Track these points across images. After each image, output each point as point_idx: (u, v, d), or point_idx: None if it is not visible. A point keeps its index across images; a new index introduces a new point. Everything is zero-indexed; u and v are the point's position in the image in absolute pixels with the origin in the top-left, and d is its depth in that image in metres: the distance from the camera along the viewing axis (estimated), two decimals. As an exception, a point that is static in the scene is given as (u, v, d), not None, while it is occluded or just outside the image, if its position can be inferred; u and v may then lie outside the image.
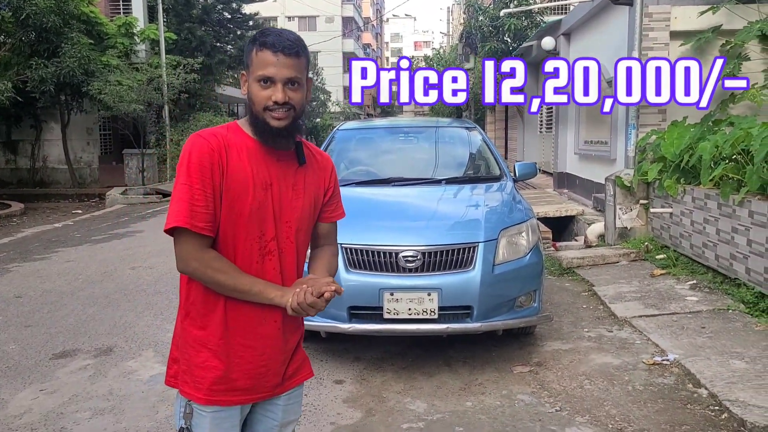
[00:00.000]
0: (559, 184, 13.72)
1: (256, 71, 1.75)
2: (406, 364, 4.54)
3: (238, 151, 1.77)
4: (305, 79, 1.80)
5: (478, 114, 30.77)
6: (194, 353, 1.82)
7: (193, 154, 1.72)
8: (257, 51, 1.75)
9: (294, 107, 1.76)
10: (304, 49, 1.79)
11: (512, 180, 5.40)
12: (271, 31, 1.76)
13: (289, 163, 1.86)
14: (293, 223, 1.86)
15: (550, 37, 14.07)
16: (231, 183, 1.74)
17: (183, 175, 1.72)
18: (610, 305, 5.64)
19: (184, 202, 1.70)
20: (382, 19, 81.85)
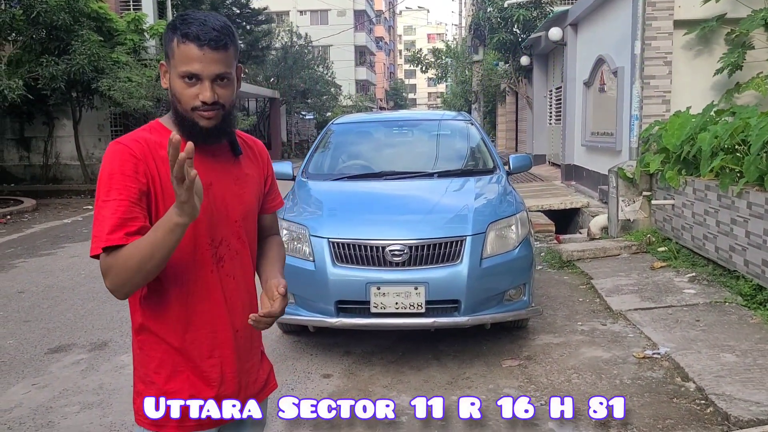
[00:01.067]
0: (566, 176, 13.62)
1: (179, 66, 1.55)
2: (395, 358, 4.54)
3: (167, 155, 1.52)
4: (234, 72, 1.63)
5: (488, 106, 30.65)
6: (164, 379, 1.67)
7: (114, 164, 1.53)
8: (179, 42, 1.54)
9: (223, 105, 1.60)
10: (233, 39, 1.60)
11: (506, 173, 5.36)
12: (194, 19, 1.56)
13: (226, 157, 1.71)
14: (241, 220, 1.74)
15: (557, 28, 13.94)
16: (164, 191, 1.57)
17: (103, 190, 1.52)
18: (606, 298, 5.60)
19: (106, 219, 1.49)
20: (394, 11, 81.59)
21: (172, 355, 1.66)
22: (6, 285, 7.04)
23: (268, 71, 32.72)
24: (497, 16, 18.71)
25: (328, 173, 5.45)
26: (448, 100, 44.90)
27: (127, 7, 20.26)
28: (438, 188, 5.05)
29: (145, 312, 1.67)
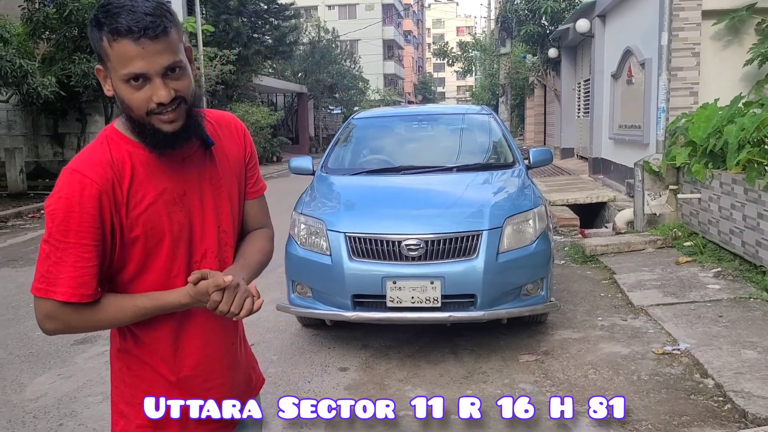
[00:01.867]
0: (594, 169, 13.45)
1: (118, 68, 1.31)
2: (413, 352, 4.55)
3: (132, 171, 1.40)
4: (185, 56, 1.38)
5: (516, 99, 30.38)
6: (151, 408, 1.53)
7: (73, 200, 1.33)
8: (110, 41, 1.29)
9: (184, 99, 1.37)
10: (172, 18, 1.34)
11: (525, 167, 5.33)
12: (119, 7, 1.29)
13: (197, 156, 1.50)
14: (225, 224, 1.55)
15: (585, 19, 13.76)
16: (135, 219, 1.39)
17: (60, 228, 1.33)
18: (628, 293, 5.53)
19: (66, 266, 1.34)
20: (423, 4, 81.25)
21: (163, 384, 1.53)
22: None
23: (296, 66, 32.92)
24: (525, 8, 18.53)
25: (347, 168, 5.48)
26: (477, 94, 44.59)
27: (157, 4, 20.51)
28: (456, 183, 5.04)
29: (129, 341, 1.52)
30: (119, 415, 1.56)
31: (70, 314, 1.37)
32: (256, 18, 22.53)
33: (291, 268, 4.58)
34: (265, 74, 24.29)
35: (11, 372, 4.44)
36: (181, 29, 1.40)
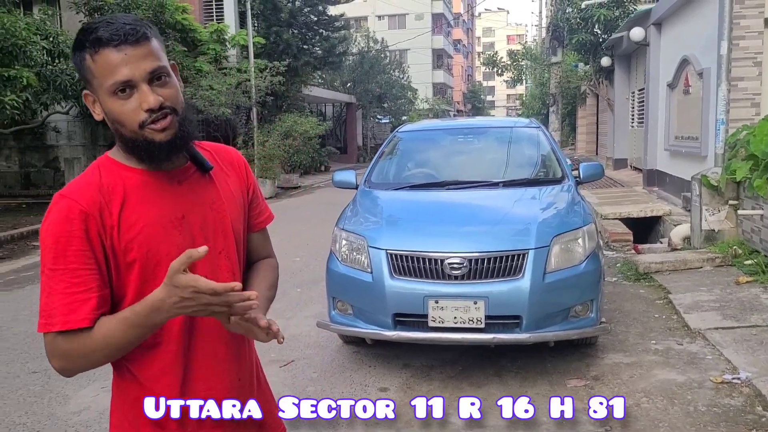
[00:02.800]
0: (648, 181, 13.05)
1: (104, 82, 1.30)
2: (455, 373, 4.42)
3: (125, 195, 1.36)
4: (169, 66, 1.38)
5: (568, 107, 29.84)
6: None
7: (60, 225, 1.30)
8: (93, 55, 1.30)
9: (174, 108, 1.35)
10: (151, 29, 1.36)
11: (575, 182, 5.15)
12: (98, 23, 1.31)
13: (195, 179, 1.46)
14: (230, 251, 1.50)
15: (639, 28, 13.39)
16: (128, 242, 1.35)
17: (50, 256, 1.30)
18: (684, 315, 5.27)
19: (57, 294, 1.29)
20: (473, 13, 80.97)
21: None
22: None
23: (345, 76, 33.13)
24: (576, 16, 18.18)
25: (390, 182, 5.39)
26: (527, 103, 44.05)
27: (211, 17, 20.95)
28: (502, 199, 4.90)
29: (133, 376, 1.44)
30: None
31: (67, 344, 1.31)
32: (306, 29, 22.75)
33: (332, 285, 4.52)
34: (314, 85, 24.48)
35: (58, 384, 4.49)
36: (163, 43, 1.40)
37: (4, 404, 4.16)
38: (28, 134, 18.79)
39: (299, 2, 22.75)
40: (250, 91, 17.84)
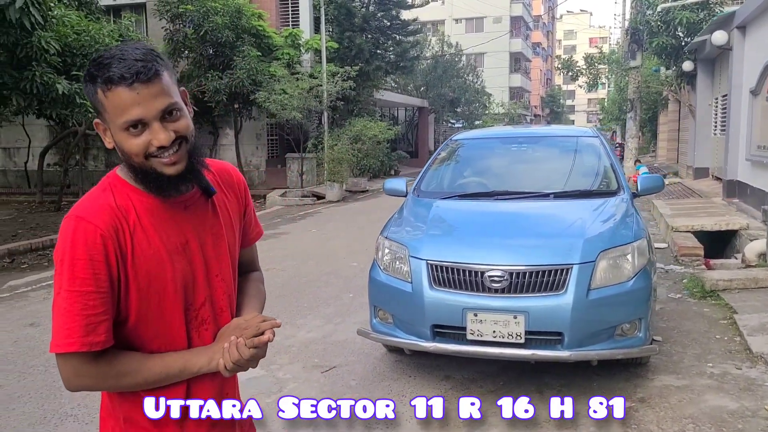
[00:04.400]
0: (728, 193, 12.40)
1: (115, 119, 1.33)
2: (495, 388, 4.34)
3: (137, 218, 1.40)
4: (179, 96, 1.41)
5: (649, 113, 28.78)
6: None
7: (78, 248, 1.33)
8: (104, 91, 1.32)
9: (185, 138, 1.38)
10: (163, 62, 1.37)
11: (631, 195, 4.95)
12: (109, 58, 1.32)
13: (199, 204, 1.51)
14: (225, 273, 1.55)
15: (722, 31, 12.79)
16: (140, 267, 1.39)
17: (66, 277, 1.33)
18: (747, 337, 4.98)
19: (72, 315, 1.33)
20: (554, 16, 79.43)
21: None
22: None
23: (417, 80, 33.15)
24: (657, 19, 17.51)
25: (439, 191, 5.35)
26: (607, 108, 42.80)
27: (286, 22, 21.44)
28: (550, 211, 4.77)
29: (117, 394, 1.49)
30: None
31: (87, 366, 1.36)
32: (379, 34, 22.92)
33: (373, 293, 4.54)
34: (387, 89, 24.62)
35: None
36: (173, 72, 1.41)
37: (60, 395, 4.38)
38: (114, 135, 19.77)
39: (373, 7, 22.96)
40: (322, 96, 18.12)
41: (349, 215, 14.22)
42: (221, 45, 17.40)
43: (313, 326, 5.75)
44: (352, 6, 21.96)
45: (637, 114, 18.12)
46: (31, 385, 4.58)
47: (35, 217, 13.99)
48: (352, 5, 21.94)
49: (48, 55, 9.54)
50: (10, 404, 4.26)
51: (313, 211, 15.15)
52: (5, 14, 8.34)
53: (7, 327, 6.02)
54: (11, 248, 9.88)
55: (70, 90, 9.90)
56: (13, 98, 9.69)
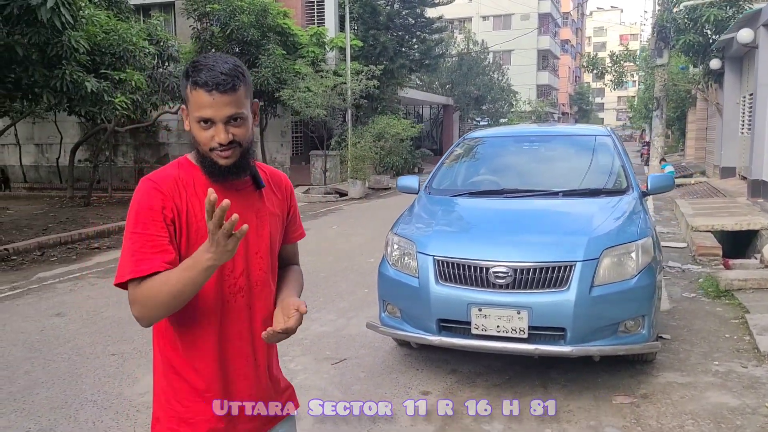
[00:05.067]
0: (753, 192, 12.27)
1: (193, 111, 1.64)
2: (500, 382, 4.43)
3: (194, 189, 1.70)
4: (248, 109, 1.70)
5: (677, 112, 28.40)
6: (185, 407, 1.73)
7: (143, 201, 1.64)
8: (191, 89, 1.63)
9: (239, 143, 1.67)
10: (243, 78, 1.65)
11: (640, 193, 4.99)
12: (203, 65, 1.63)
13: (249, 191, 1.79)
14: (263, 252, 1.79)
15: (748, 29, 12.63)
16: (190, 226, 1.67)
17: (131, 223, 1.64)
18: (756, 337, 4.99)
19: (130, 251, 1.60)
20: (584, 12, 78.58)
21: (193, 384, 1.73)
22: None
23: (443, 78, 33.14)
24: (684, 16, 17.30)
25: (449, 189, 5.44)
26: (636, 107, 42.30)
27: (312, 21, 21.63)
28: (558, 209, 4.84)
29: (169, 340, 1.74)
30: (155, 419, 1.79)
31: (136, 291, 1.60)
32: (403, 32, 22.99)
33: (382, 288, 4.65)
34: (411, 86, 24.68)
35: (130, 366, 4.89)
36: (250, 87, 1.72)
37: (81, 381, 4.59)
38: (143, 132, 20.19)
39: (398, 5, 23.03)
40: (346, 94, 18.26)
41: (371, 212, 14.35)
42: (247, 43, 17.64)
43: (326, 320, 5.89)
44: (377, 4, 22.07)
45: (663, 112, 17.90)
46: (55, 371, 4.79)
47: (66, 211, 14.38)
48: (376, 3, 22.05)
49: (78, 54, 9.81)
50: (34, 389, 4.47)
51: (335, 207, 15.31)
52: (37, 14, 8.60)
53: (35, 316, 6.27)
54: (41, 242, 10.20)
55: (99, 88, 10.17)
56: (44, 96, 9.98)
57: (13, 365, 4.95)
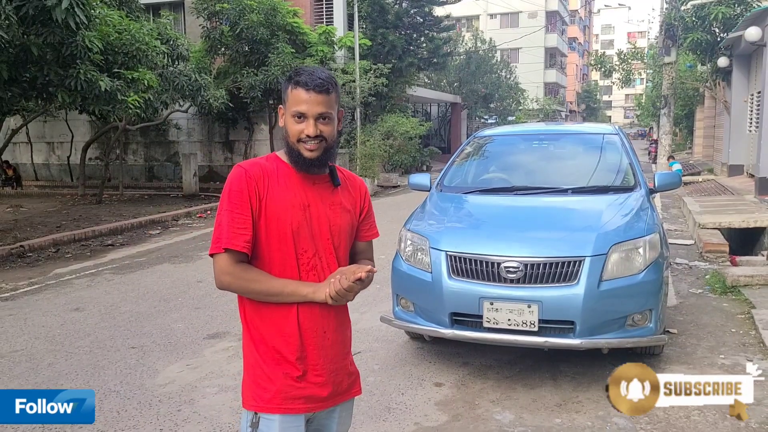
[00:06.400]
0: (761, 190, 12.34)
1: (291, 107, 1.93)
2: (511, 374, 4.55)
3: (277, 178, 1.97)
4: (336, 112, 1.97)
5: (685, 110, 28.38)
6: (267, 365, 1.99)
7: (233, 183, 1.93)
8: (292, 89, 1.92)
9: (325, 139, 1.94)
10: (335, 86, 1.95)
11: (647, 191, 5.09)
12: (305, 71, 1.93)
13: (324, 186, 2.04)
14: (332, 239, 2.03)
15: (756, 27, 12.69)
16: (270, 207, 1.93)
17: (224, 201, 1.94)
18: (762, 331, 5.09)
19: (224, 226, 1.91)
20: (591, 10, 78.38)
21: (271, 349, 1.99)
22: (189, 274, 8.04)
23: (451, 76, 33.20)
24: (692, 14, 17.34)
25: (461, 186, 5.55)
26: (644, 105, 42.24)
27: (320, 20, 21.74)
28: (567, 205, 4.95)
29: (251, 309, 2.01)
30: (244, 381, 2.05)
31: (229, 266, 1.91)
32: (411, 31, 23.09)
33: (396, 282, 4.77)
34: (420, 85, 24.78)
35: (150, 359, 5.03)
36: (340, 96, 2.03)
37: (104, 373, 4.73)
38: (153, 130, 20.37)
39: (406, 4, 23.13)
40: (354, 92, 18.37)
41: (380, 210, 14.45)
42: (256, 42, 17.75)
43: (339, 315, 6.00)
44: (386, 3, 22.16)
45: (671, 110, 17.92)
46: (78, 363, 4.94)
47: (78, 209, 14.56)
48: (385, 2, 22.14)
49: (91, 54, 9.95)
50: (58, 380, 4.62)
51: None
52: (52, 15, 8.74)
53: (54, 311, 6.42)
54: (56, 239, 10.37)
55: (112, 87, 10.30)
56: (59, 95, 10.13)
57: (36, 357, 5.10)
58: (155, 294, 7.05)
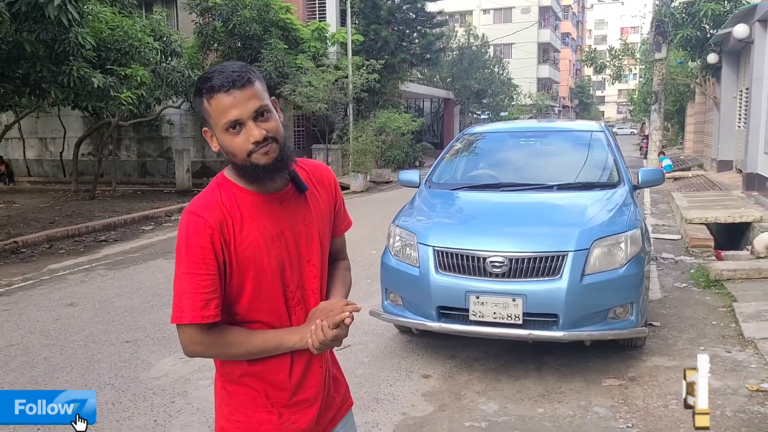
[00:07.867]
0: (748, 185, 12.50)
1: (218, 121, 1.59)
2: (497, 366, 4.67)
3: (241, 217, 1.66)
4: (270, 101, 1.65)
5: (676, 105, 28.55)
6: (248, 416, 1.74)
7: (190, 238, 1.61)
8: (208, 100, 1.59)
9: (275, 138, 1.61)
10: (254, 72, 1.63)
11: (631, 187, 5.21)
12: (211, 72, 1.61)
13: (292, 200, 1.75)
14: (315, 260, 1.78)
15: (744, 24, 12.84)
16: (242, 252, 1.64)
17: (182, 262, 1.61)
18: (742, 324, 5.22)
19: (186, 294, 1.60)
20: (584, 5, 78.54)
21: (259, 395, 1.73)
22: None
23: (443, 72, 33.29)
24: (682, 11, 17.47)
25: (449, 183, 5.66)
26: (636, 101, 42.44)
27: (313, 15, 21.79)
28: (552, 201, 5.06)
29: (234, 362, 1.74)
30: (220, 429, 1.78)
31: (200, 336, 1.63)
32: (404, 27, 23.16)
33: (385, 277, 4.88)
34: (412, 81, 24.87)
35: (144, 352, 5.13)
36: (264, 84, 1.67)
37: (99, 367, 4.82)
38: (146, 126, 20.38)
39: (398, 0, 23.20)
40: (347, 88, 18.44)
41: (373, 205, 14.57)
42: (249, 38, 17.81)
43: (330, 309, 6.11)
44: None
45: (661, 106, 18.06)
46: (73, 357, 5.03)
47: (71, 205, 14.61)
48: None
49: (84, 50, 10.00)
50: (54, 374, 4.71)
51: (337, 201, 15.50)
52: (45, 11, 8.79)
53: (49, 306, 6.51)
54: (50, 234, 10.43)
55: (105, 83, 10.36)
56: (52, 91, 10.18)
57: (32, 351, 5.19)
58: (149, 289, 7.14)
